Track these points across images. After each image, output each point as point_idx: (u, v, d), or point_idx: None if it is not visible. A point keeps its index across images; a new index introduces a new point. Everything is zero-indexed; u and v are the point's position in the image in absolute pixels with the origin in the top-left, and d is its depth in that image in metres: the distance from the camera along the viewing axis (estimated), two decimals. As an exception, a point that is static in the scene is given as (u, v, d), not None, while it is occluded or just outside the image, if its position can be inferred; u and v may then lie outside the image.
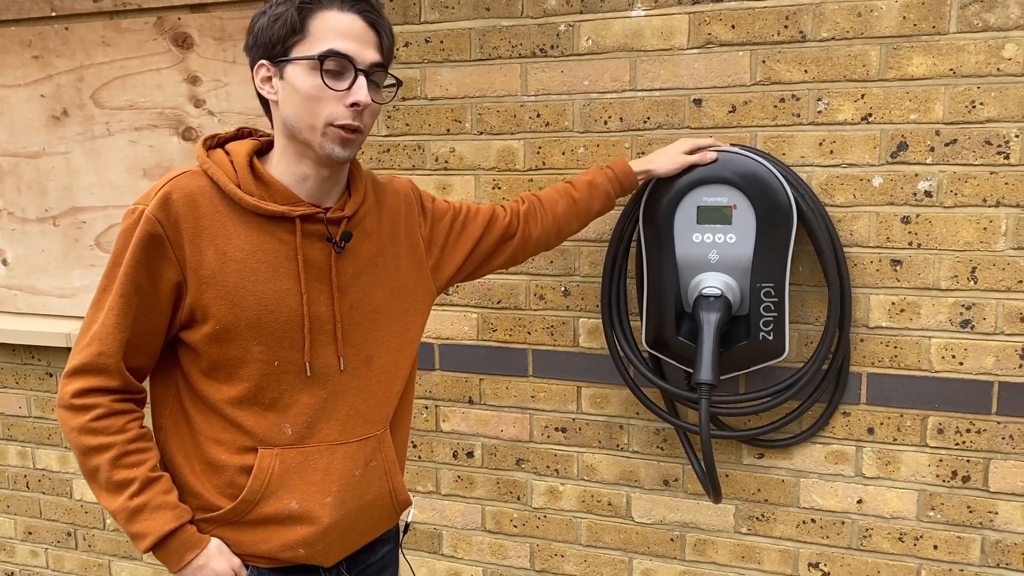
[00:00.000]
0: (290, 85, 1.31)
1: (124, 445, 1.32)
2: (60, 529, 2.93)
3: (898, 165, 1.90)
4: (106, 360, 1.31)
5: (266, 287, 1.35)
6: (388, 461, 1.51)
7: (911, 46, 1.84)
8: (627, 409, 2.20)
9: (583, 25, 2.07)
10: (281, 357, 1.37)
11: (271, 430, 1.38)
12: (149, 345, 1.35)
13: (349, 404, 1.44)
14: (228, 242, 1.33)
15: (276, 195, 1.35)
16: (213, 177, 1.33)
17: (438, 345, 2.35)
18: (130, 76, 2.58)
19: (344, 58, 1.29)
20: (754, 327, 1.90)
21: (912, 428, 1.98)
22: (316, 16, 1.30)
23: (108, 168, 2.66)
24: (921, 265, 1.92)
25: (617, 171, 1.86)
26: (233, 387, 1.36)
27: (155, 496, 1.33)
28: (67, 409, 1.33)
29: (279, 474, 1.38)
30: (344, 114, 1.31)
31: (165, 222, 1.29)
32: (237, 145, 1.39)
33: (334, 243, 1.40)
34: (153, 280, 1.31)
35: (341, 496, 1.43)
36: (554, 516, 2.31)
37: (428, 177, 2.27)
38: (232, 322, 1.33)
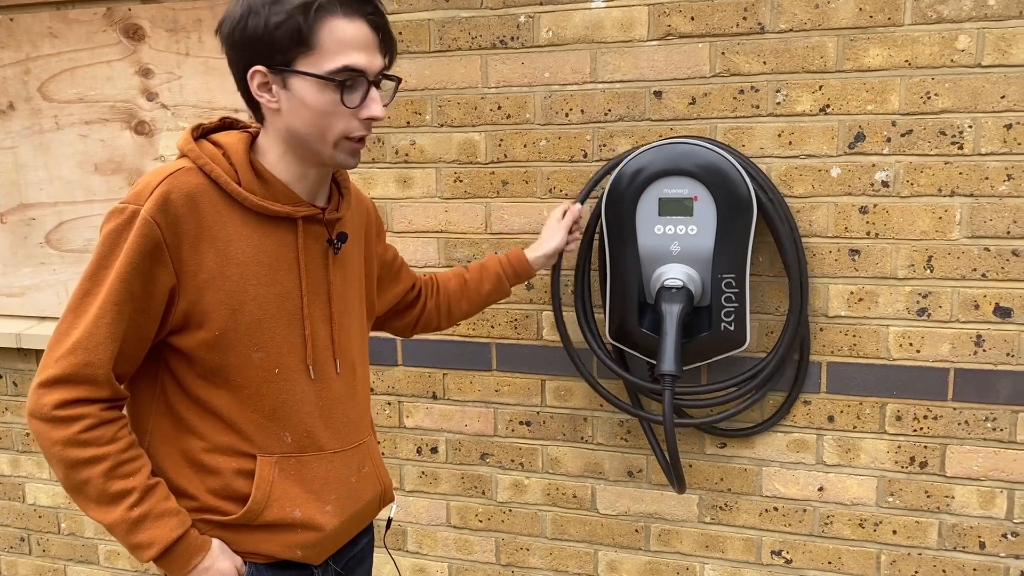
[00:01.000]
0: (297, 98, 1.26)
1: (118, 455, 1.26)
2: (13, 534, 2.85)
3: (855, 156, 1.92)
4: (95, 371, 1.23)
5: (267, 290, 1.31)
6: (377, 465, 1.54)
7: (867, 38, 1.86)
8: (591, 401, 2.20)
9: (543, 16, 2.06)
10: (281, 364, 1.34)
11: (270, 438, 1.35)
12: (135, 352, 1.29)
13: (342, 412, 1.44)
14: (229, 244, 1.28)
15: (277, 194, 1.32)
16: (211, 174, 1.27)
17: (400, 340, 2.33)
18: (79, 68, 2.51)
19: (358, 73, 1.26)
20: (716, 318, 1.91)
21: (871, 415, 2.01)
22: (323, 26, 1.23)
23: (58, 163, 2.59)
24: (879, 255, 1.94)
25: (511, 257, 1.89)
26: (232, 392, 1.32)
27: (157, 504, 1.27)
28: (47, 421, 1.23)
29: (280, 482, 1.36)
30: (358, 127, 1.30)
31: (164, 225, 1.23)
32: (228, 137, 1.33)
33: (332, 244, 1.39)
34: (147, 286, 1.24)
35: (340, 503, 1.44)
36: (519, 510, 2.31)
37: (388, 171, 2.25)
38: (232, 327, 1.29)
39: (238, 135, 1.34)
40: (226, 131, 1.37)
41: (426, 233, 2.25)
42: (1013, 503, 1.95)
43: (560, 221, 1.94)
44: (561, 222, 1.94)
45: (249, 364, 1.32)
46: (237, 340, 1.30)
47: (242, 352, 1.31)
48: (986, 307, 1.90)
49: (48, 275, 2.69)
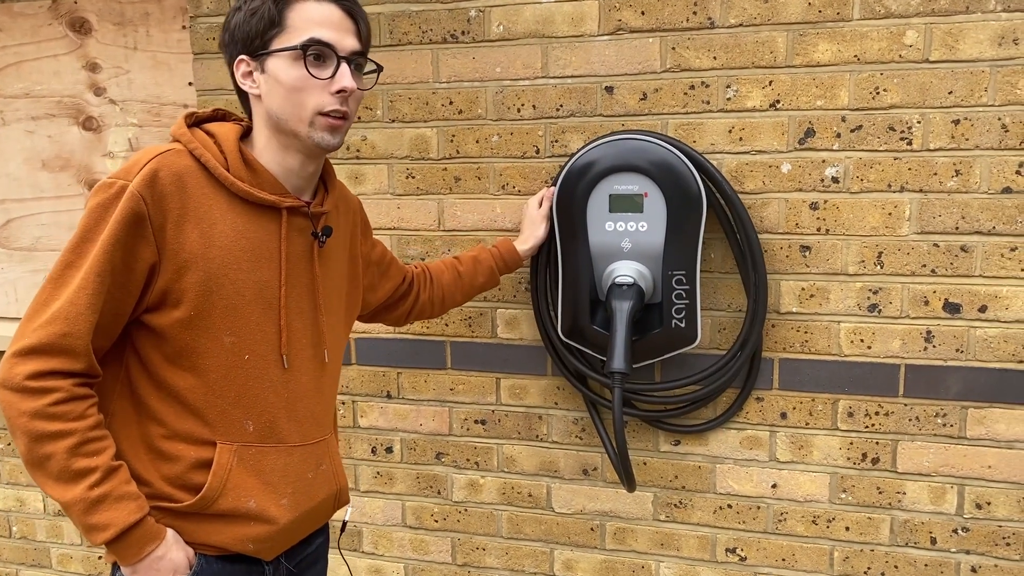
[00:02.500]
0: (273, 78, 1.31)
1: (85, 432, 1.24)
2: (-37, 539, 2.80)
3: (806, 151, 1.91)
4: (73, 342, 1.22)
5: (247, 276, 1.32)
6: (335, 464, 1.54)
7: (816, 32, 1.85)
8: (546, 399, 2.18)
9: (494, 11, 2.04)
10: (253, 351, 1.35)
11: (232, 425, 1.35)
12: (112, 326, 1.28)
13: (306, 406, 1.44)
14: (213, 227, 1.29)
15: (264, 184, 1.34)
16: (201, 158, 1.30)
17: (354, 339, 2.30)
18: (25, 63, 2.45)
19: (326, 46, 1.30)
20: (667, 315, 1.90)
21: (823, 412, 2.00)
22: (293, 7, 1.30)
23: (4, 160, 2.53)
24: (829, 251, 1.94)
25: (502, 249, 1.94)
26: (199, 377, 1.32)
27: (118, 486, 1.26)
28: (18, 391, 1.22)
29: (237, 471, 1.36)
30: (331, 101, 1.31)
31: (150, 201, 1.24)
32: (220, 127, 1.36)
33: (317, 237, 1.40)
34: (128, 261, 1.25)
35: (295, 498, 1.43)
36: (475, 509, 2.29)
37: (340, 166, 2.22)
38: (207, 309, 1.30)
39: (230, 125, 1.37)
40: (219, 122, 1.40)
41: (379, 230, 2.22)
42: (963, 499, 1.95)
43: (539, 210, 1.97)
44: (540, 211, 1.97)
45: (220, 348, 1.32)
46: (211, 322, 1.30)
47: (215, 335, 1.31)
48: (935, 303, 1.89)
49: (-4, 274, 2.64)
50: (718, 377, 1.97)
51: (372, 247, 1.69)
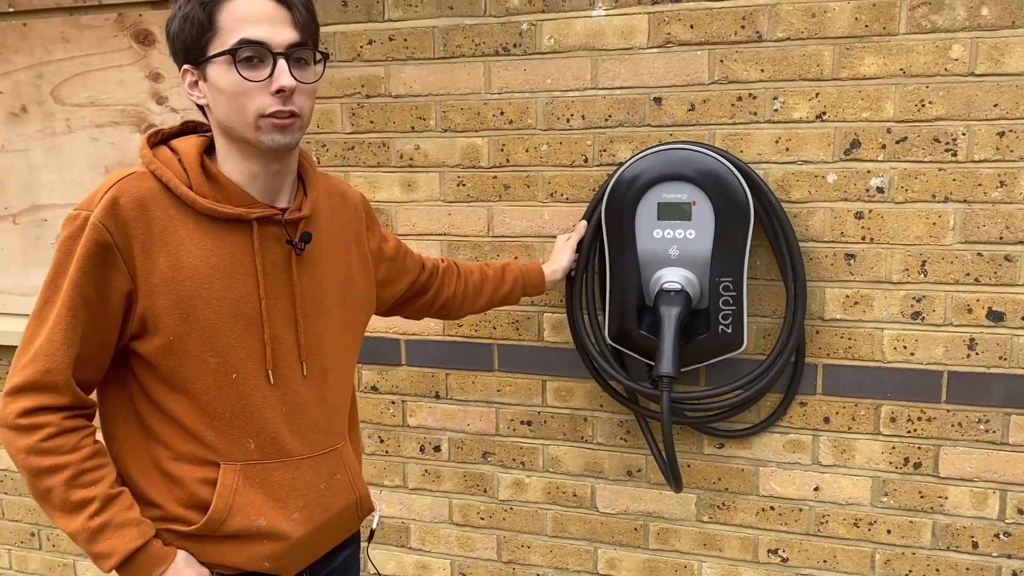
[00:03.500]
0: (214, 85, 1.26)
1: (79, 464, 1.25)
2: (23, 530, 2.90)
3: (851, 162, 1.95)
4: (54, 377, 1.24)
5: (222, 294, 1.29)
6: (352, 472, 1.51)
7: (863, 46, 1.90)
8: (591, 402, 2.24)
9: (545, 24, 2.10)
10: (239, 368, 1.32)
11: (233, 445, 1.34)
12: (98, 358, 1.29)
13: (309, 417, 1.41)
14: (180, 248, 1.27)
15: (231, 196, 1.30)
16: (162, 178, 1.26)
17: (404, 341, 2.37)
18: (91, 73, 2.56)
19: (258, 45, 1.23)
20: (713, 320, 1.95)
21: (866, 417, 2.04)
22: (222, 8, 1.23)
23: (69, 166, 2.64)
24: (874, 259, 1.98)
25: (528, 267, 1.97)
26: (192, 400, 1.31)
27: (117, 514, 1.27)
28: (12, 430, 1.25)
29: (244, 490, 1.35)
30: (271, 102, 1.25)
31: (113, 229, 1.23)
32: (184, 142, 1.32)
33: (294, 245, 1.35)
34: (102, 291, 1.24)
35: (308, 511, 1.42)
36: (520, 508, 2.35)
37: (393, 174, 2.29)
38: (186, 332, 1.27)
39: (194, 139, 1.33)
40: (186, 136, 1.36)
41: (429, 236, 2.29)
42: (1005, 504, 1.98)
43: (567, 241, 2.04)
44: (567, 242, 2.03)
45: (205, 369, 1.30)
46: (192, 345, 1.28)
47: (198, 357, 1.29)
48: (979, 311, 1.93)
49: (59, 275, 2.74)
50: (760, 381, 2.02)
51: (383, 241, 1.63)
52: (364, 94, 2.27)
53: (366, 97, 2.27)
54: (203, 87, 1.29)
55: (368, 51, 2.24)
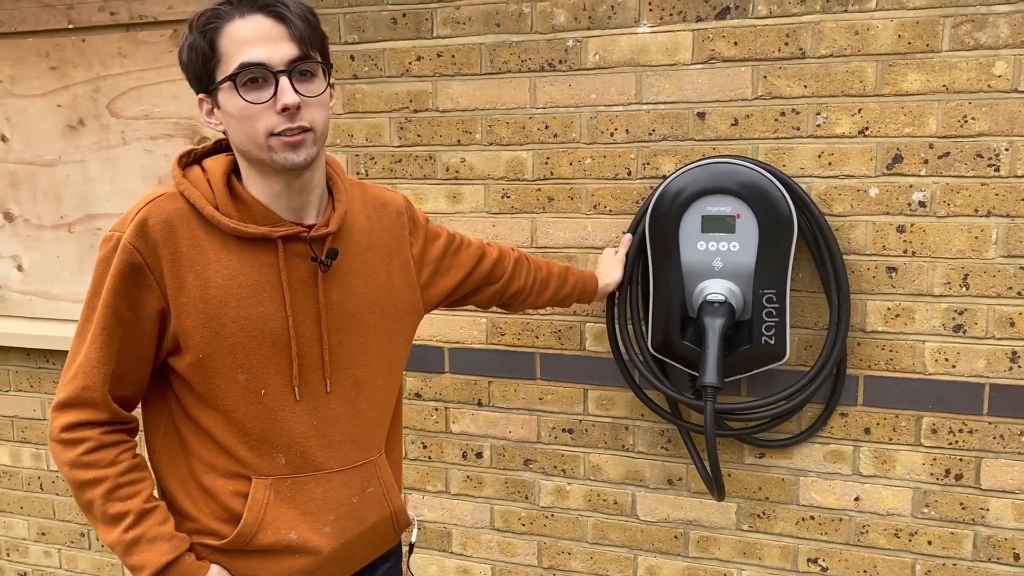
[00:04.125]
0: (225, 112, 1.27)
1: (117, 478, 1.29)
2: (73, 530, 2.99)
3: (893, 176, 1.98)
4: (92, 394, 1.28)
5: (249, 312, 1.31)
6: (386, 485, 1.51)
7: (906, 63, 1.93)
8: (632, 411, 2.28)
9: (591, 41, 2.15)
10: (267, 385, 1.34)
11: (264, 459, 1.36)
12: (136, 374, 1.32)
13: (341, 430, 1.42)
14: (208, 268, 1.29)
15: (256, 215, 1.31)
16: (190, 199, 1.29)
17: (448, 348, 2.42)
18: (146, 87, 2.64)
19: (258, 66, 1.22)
20: (756, 332, 1.98)
21: (907, 428, 2.06)
22: (221, 34, 1.24)
23: (123, 176, 2.73)
24: (915, 272, 2.00)
25: (586, 273, 2.02)
26: (223, 415, 1.34)
27: (151, 528, 1.30)
28: (57, 443, 1.30)
29: (275, 505, 1.36)
30: (278, 121, 1.24)
31: (144, 249, 1.25)
32: (213, 161, 1.34)
33: (319, 262, 1.35)
34: (135, 310, 1.28)
35: (340, 525, 1.42)
36: (561, 515, 2.39)
37: (439, 186, 2.35)
38: (215, 350, 1.30)
39: (223, 159, 1.34)
40: (218, 155, 1.37)
41: (474, 246, 2.35)
42: (1047, 516, 2.00)
43: (616, 255, 2.08)
44: (617, 256, 2.08)
45: (235, 386, 1.32)
46: (221, 362, 1.30)
47: (227, 374, 1.31)
48: (1021, 324, 1.95)
49: (112, 282, 2.83)
50: (803, 392, 2.04)
51: (429, 242, 1.60)
52: (412, 109, 2.33)
53: (414, 112, 2.33)
54: (217, 114, 1.30)
55: (416, 67, 2.30)
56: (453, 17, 2.25)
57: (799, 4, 1.98)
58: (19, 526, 3.05)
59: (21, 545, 3.06)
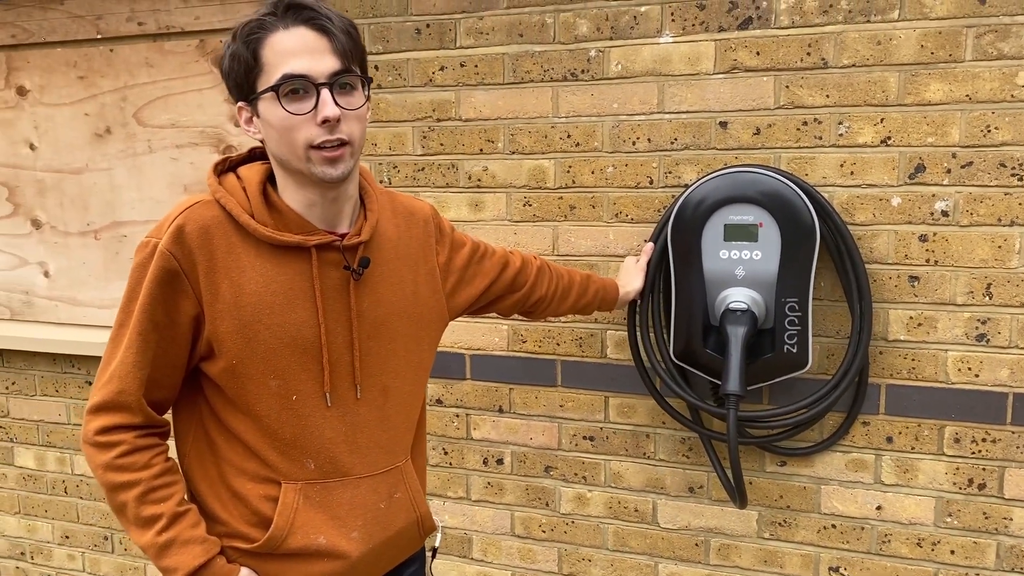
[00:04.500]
0: (265, 121, 1.29)
1: (150, 481, 1.31)
2: (97, 533, 3.02)
3: (916, 186, 1.99)
4: (126, 398, 1.30)
5: (282, 319, 1.33)
6: (413, 491, 1.52)
7: (928, 73, 1.94)
8: (653, 419, 2.28)
9: (613, 51, 2.17)
10: (299, 391, 1.36)
11: (293, 464, 1.38)
12: (170, 379, 1.35)
13: (369, 436, 1.43)
14: (242, 275, 1.31)
15: (290, 224, 1.33)
16: (226, 207, 1.30)
17: (469, 355, 2.44)
18: (172, 96, 2.68)
19: (300, 78, 1.24)
20: (779, 340, 1.99)
21: (929, 437, 2.06)
22: (265, 44, 1.25)
23: (149, 184, 2.76)
24: (938, 281, 2.00)
25: (607, 284, 2.02)
26: (254, 420, 1.36)
27: (183, 531, 1.32)
28: (92, 446, 1.32)
29: (304, 509, 1.38)
30: (318, 133, 1.26)
31: (180, 256, 1.28)
32: (249, 170, 1.36)
33: (352, 271, 1.37)
34: (171, 315, 1.30)
35: (368, 530, 1.44)
36: (582, 522, 2.40)
37: (461, 194, 2.37)
38: (248, 356, 1.32)
39: (259, 167, 1.36)
40: (252, 163, 1.39)
41: (496, 254, 2.37)
42: (1071, 526, 1.99)
43: (637, 263, 2.10)
44: (638, 264, 2.10)
45: (267, 391, 1.34)
46: (254, 368, 1.32)
47: (259, 380, 1.33)
48: (1045, 334, 1.95)
49: (137, 289, 2.86)
50: (825, 401, 2.05)
51: (455, 251, 1.62)
52: (435, 118, 2.35)
53: (437, 121, 2.36)
54: (256, 123, 1.32)
55: (440, 77, 2.33)
56: (476, 27, 2.27)
57: (821, 14, 1.99)
58: (43, 529, 3.09)
59: (45, 548, 3.10)
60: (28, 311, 3.03)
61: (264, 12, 1.27)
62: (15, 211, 2.96)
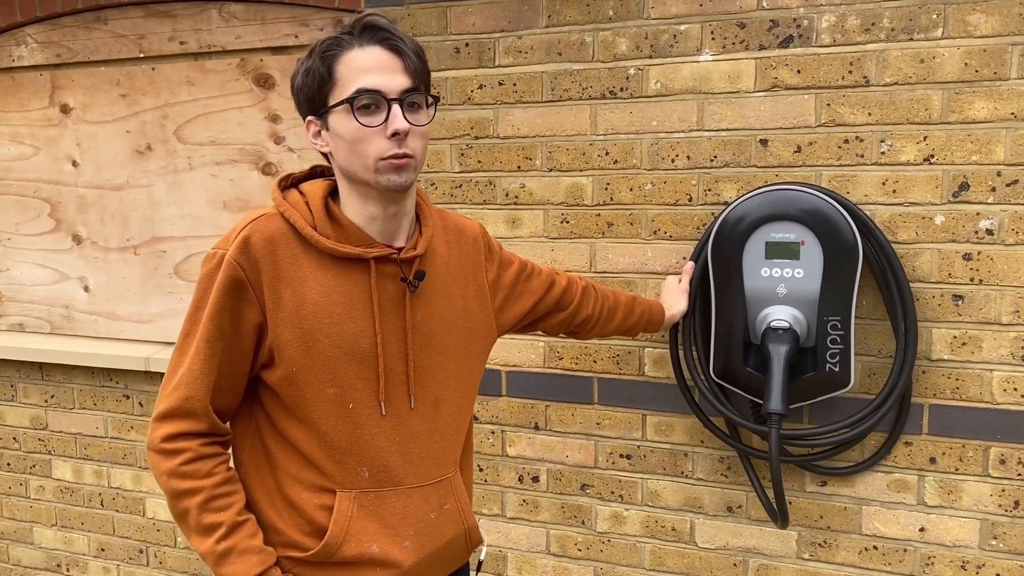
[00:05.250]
0: (335, 134, 1.34)
1: (212, 489, 1.35)
2: (132, 546, 3.04)
3: (960, 204, 1.97)
4: (194, 404, 1.35)
5: (341, 328, 1.37)
6: (461, 503, 1.54)
7: (973, 91, 1.93)
8: (692, 437, 2.27)
9: (652, 69, 2.18)
10: (355, 399, 1.39)
11: (348, 473, 1.40)
12: (233, 386, 1.39)
13: (421, 446, 1.46)
14: (304, 285, 1.35)
15: (351, 237, 1.38)
16: (290, 219, 1.36)
17: (505, 372, 2.44)
18: (213, 114, 2.72)
19: (374, 93, 1.30)
20: (821, 359, 1.98)
21: (974, 458, 2.03)
22: (340, 60, 1.31)
23: (189, 200, 2.80)
24: (983, 300, 1.98)
25: (653, 306, 2.02)
26: (311, 428, 1.39)
27: (241, 540, 1.35)
28: (157, 453, 1.35)
29: (358, 518, 1.41)
30: (388, 146, 1.32)
31: (246, 265, 1.33)
32: (311, 185, 1.42)
33: (408, 283, 1.42)
34: (236, 323, 1.34)
35: (419, 540, 1.46)
36: (618, 540, 2.38)
37: (498, 211, 2.38)
38: (307, 364, 1.36)
39: (320, 183, 1.42)
40: (314, 180, 1.45)
41: (533, 271, 2.37)
42: (1122, 551, 1.95)
43: (680, 285, 2.09)
44: (680, 286, 2.09)
45: (324, 399, 1.37)
46: (312, 376, 1.36)
47: (317, 388, 1.37)
48: (1093, 354, 1.92)
49: (175, 303, 2.89)
50: (868, 420, 2.03)
51: (503, 269, 1.65)
52: (473, 135, 2.37)
53: (475, 138, 2.37)
54: (325, 136, 1.37)
55: (478, 95, 2.35)
56: (515, 46, 2.29)
57: (863, 33, 1.99)
58: (79, 541, 3.12)
59: (81, 560, 3.12)
60: (68, 325, 3.07)
61: (341, 32, 1.34)
62: (57, 227, 3.01)
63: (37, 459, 3.13)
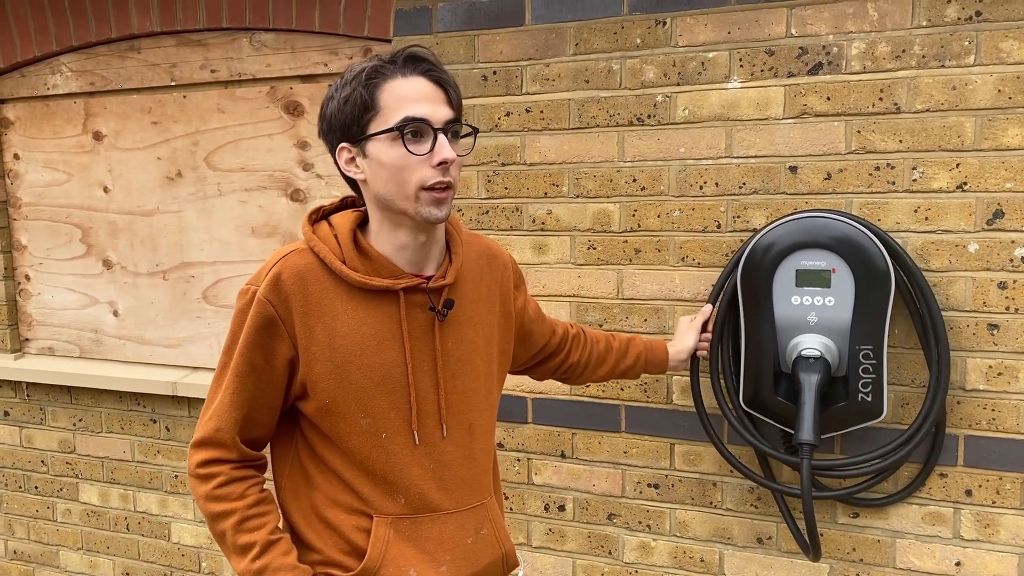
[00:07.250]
0: (375, 161, 1.34)
1: (245, 510, 1.38)
2: (157, 571, 3.04)
3: (994, 232, 1.94)
4: (223, 436, 1.39)
5: (373, 360, 1.38)
6: (498, 527, 1.54)
7: (1006, 118, 1.91)
8: (721, 467, 2.24)
9: (680, 96, 2.18)
10: (388, 428, 1.41)
11: (385, 499, 1.42)
12: (266, 418, 1.42)
13: (456, 473, 1.47)
14: (335, 319, 1.37)
15: (380, 269, 1.39)
16: (319, 254, 1.38)
17: (531, 399, 2.43)
18: (242, 141, 2.75)
19: (421, 122, 1.31)
20: (853, 388, 1.95)
21: (1012, 491, 1.99)
22: (383, 89, 1.32)
23: (218, 226, 2.82)
24: (1019, 329, 1.95)
25: (654, 346, 1.98)
26: (346, 457, 1.41)
27: (275, 559, 1.37)
28: (194, 478, 1.41)
29: (395, 542, 1.42)
30: (433, 175, 1.33)
31: (277, 303, 1.35)
32: (340, 218, 1.43)
33: (437, 312, 1.43)
34: (268, 359, 1.37)
35: (456, 565, 1.47)
36: (645, 571, 2.35)
37: (525, 238, 2.38)
38: (340, 396, 1.38)
39: (349, 215, 1.43)
40: (343, 211, 1.47)
41: (559, 297, 2.36)
42: None
43: (691, 322, 2.06)
44: (692, 323, 2.06)
45: (358, 429, 1.39)
46: (346, 407, 1.38)
47: (351, 418, 1.39)
48: None
49: (203, 328, 2.91)
50: (901, 450, 1.99)
51: (527, 303, 1.69)
52: (500, 162, 2.38)
53: (502, 165, 2.38)
54: (361, 163, 1.36)
55: (505, 122, 2.35)
56: (543, 74, 2.30)
57: (894, 60, 1.98)
58: (105, 565, 3.12)
59: (106, 584, 3.13)
60: (97, 349, 3.09)
61: (381, 60, 1.34)
62: (88, 251, 3.05)
63: (64, 482, 3.15)
